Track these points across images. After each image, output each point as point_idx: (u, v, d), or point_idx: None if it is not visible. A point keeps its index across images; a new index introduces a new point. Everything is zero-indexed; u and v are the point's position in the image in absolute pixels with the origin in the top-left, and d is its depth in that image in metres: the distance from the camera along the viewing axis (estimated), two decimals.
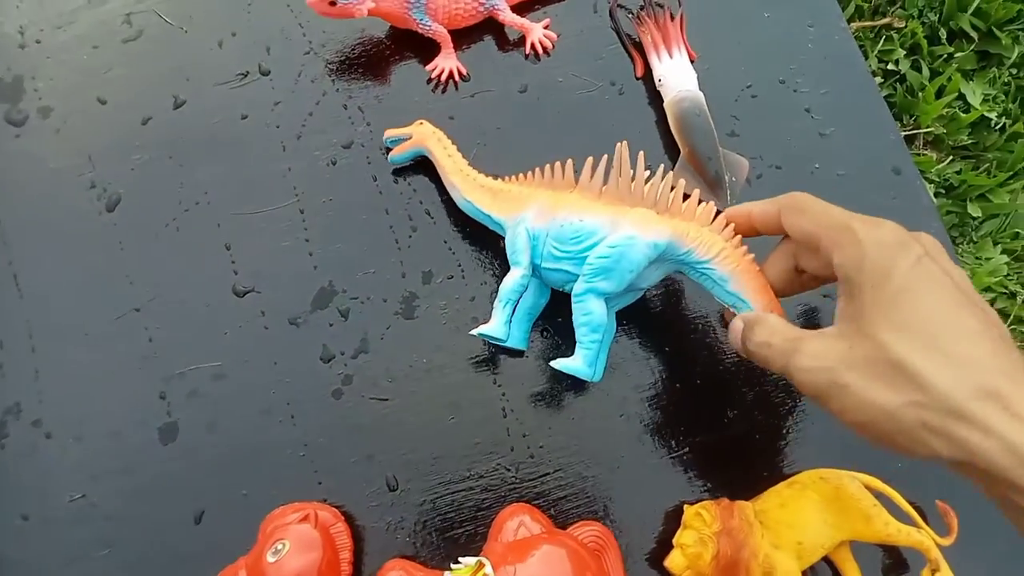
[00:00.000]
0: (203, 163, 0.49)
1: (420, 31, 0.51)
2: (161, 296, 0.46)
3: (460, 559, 0.39)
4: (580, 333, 0.39)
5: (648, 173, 0.41)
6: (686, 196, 0.41)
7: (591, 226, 0.39)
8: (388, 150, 0.49)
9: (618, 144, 0.40)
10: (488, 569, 0.38)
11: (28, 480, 0.43)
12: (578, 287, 0.39)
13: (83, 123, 0.49)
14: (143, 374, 0.45)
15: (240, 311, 0.46)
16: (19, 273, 0.46)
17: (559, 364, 0.40)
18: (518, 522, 0.40)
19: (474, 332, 0.41)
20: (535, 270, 0.41)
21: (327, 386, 0.45)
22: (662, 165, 0.44)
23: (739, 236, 0.39)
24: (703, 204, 0.40)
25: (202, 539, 0.42)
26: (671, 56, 0.52)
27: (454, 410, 0.45)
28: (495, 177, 0.45)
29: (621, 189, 0.40)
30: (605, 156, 0.41)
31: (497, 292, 0.42)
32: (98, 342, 0.45)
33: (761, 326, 0.36)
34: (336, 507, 0.42)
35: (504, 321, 0.41)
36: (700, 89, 0.51)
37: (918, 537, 0.42)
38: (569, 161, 0.41)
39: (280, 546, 0.38)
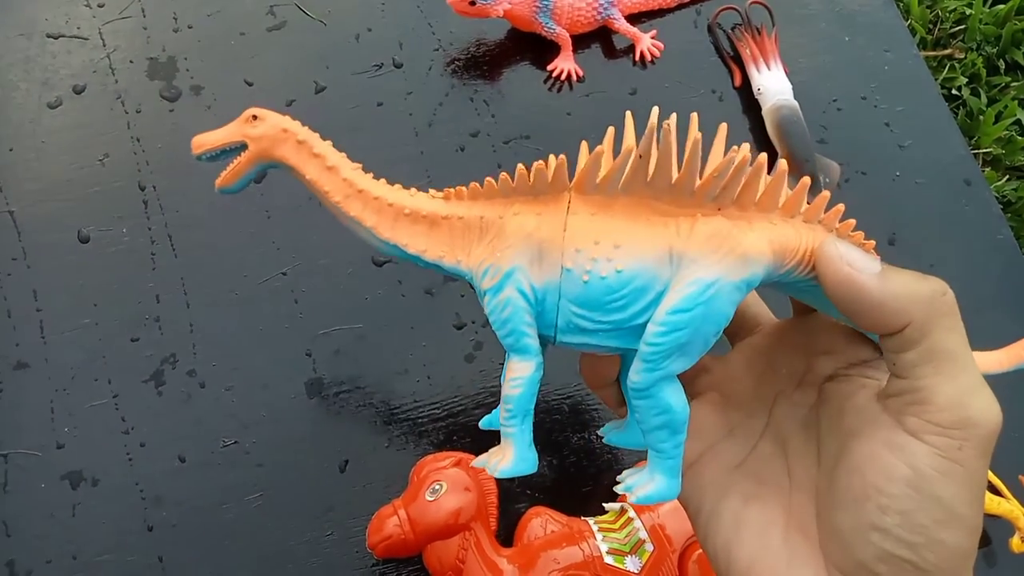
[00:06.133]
0: (342, 144, 0.52)
1: (544, 34, 0.55)
2: (305, 262, 0.50)
3: (604, 505, 0.42)
4: (655, 439, 0.24)
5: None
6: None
7: (639, 278, 0.23)
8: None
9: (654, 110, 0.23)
10: (632, 513, 0.41)
11: (184, 425, 0.45)
12: (639, 378, 0.23)
13: (231, 102, 0.53)
14: (290, 333, 0.48)
15: (379, 279, 0.50)
16: (174, 235, 0.50)
17: (638, 496, 0.24)
18: None
19: (488, 469, 0.25)
20: (543, 340, 0.25)
21: (460, 351, 0.49)
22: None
23: (848, 223, 0.24)
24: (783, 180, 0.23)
25: (346, 487, 0.45)
26: (769, 68, 0.57)
27: (579, 378, 0.48)
28: (418, 189, 0.27)
29: (656, 182, 0.23)
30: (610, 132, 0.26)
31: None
32: (247, 301, 0.49)
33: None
34: None
35: (528, 444, 0.25)
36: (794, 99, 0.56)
37: (1008, 507, 0.46)
38: (551, 156, 0.24)
39: (438, 487, 0.41)
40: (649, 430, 0.24)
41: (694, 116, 0.24)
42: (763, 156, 0.23)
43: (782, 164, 0.23)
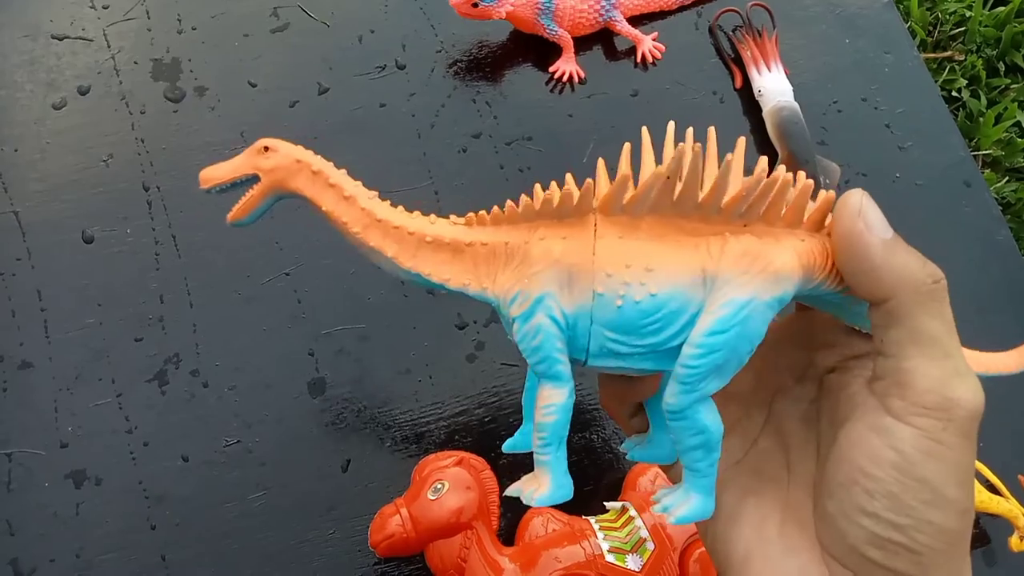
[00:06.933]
0: (345, 145, 0.53)
1: (546, 36, 0.56)
2: (308, 262, 0.50)
3: (605, 504, 0.42)
4: (691, 459, 0.24)
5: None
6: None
7: (673, 300, 0.23)
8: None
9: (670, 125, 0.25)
10: (632, 512, 0.41)
11: (188, 424, 0.46)
12: (675, 400, 0.23)
13: (235, 103, 0.54)
14: (293, 332, 0.48)
15: (382, 280, 0.50)
16: (178, 235, 0.50)
17: (676, 517, 0.24)
18: (654, 474, 0.44)
19: (524, 498, 0.25)
20: (572, 362, 0.25)
21: (462, 351, 0.49)
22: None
23: None
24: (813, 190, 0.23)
25: (349, 486, 0.45)
26: (770, 70, 0.57)
27: (579, 376, 0.48)
28: (438, 216, 0.27)
29: (683, 201, 0.23)
30: (626, 148, 0.25)
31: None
32: (251, 302, 0.49)
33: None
34: None
35: (564, 471, 0.25)
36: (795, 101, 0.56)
37: (1007, 506, 0.46)
38: (568, 176, 0.26)
39: (440, 485, 0.41)
40: (685, 450, 0.24)
41: (712, 131, 0.25)
42: (787, 173, 0.23)
43: (808, 182, 0.23)
